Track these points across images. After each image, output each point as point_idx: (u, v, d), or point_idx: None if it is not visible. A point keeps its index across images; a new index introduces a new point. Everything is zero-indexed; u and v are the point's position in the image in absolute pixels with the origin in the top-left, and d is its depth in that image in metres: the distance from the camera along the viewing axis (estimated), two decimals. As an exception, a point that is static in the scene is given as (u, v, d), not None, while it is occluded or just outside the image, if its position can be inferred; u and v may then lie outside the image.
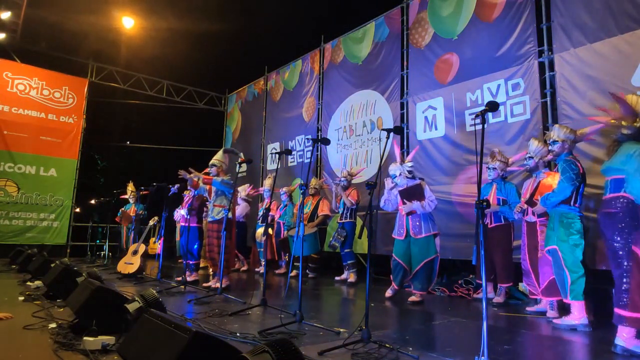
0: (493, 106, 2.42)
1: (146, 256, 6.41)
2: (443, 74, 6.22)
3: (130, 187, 8.21)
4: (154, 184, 6.99)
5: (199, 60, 11.91)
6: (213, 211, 5.22)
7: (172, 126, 12.62)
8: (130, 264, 6.10)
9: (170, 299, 4.16)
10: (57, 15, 9.14)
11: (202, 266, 6.78)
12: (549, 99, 5.02)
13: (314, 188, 6.80)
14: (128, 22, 10.02)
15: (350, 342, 2.49)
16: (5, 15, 8.24)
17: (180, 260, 7.82)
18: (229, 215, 4.64)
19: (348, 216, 6.16)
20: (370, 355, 2.38)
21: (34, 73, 9.52)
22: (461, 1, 6.06)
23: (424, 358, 2.38)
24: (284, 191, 7.26)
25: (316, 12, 11.67)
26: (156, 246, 9.08)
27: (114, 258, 8.81)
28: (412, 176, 4.59)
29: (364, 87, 7.62)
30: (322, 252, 6.74)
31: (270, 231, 7.04)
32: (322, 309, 4.25)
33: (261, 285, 4.86)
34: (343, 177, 6.33)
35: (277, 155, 9.34)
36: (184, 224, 5.91)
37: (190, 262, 5.78)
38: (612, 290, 3.55)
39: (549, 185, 3.79)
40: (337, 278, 6.28)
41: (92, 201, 13.75)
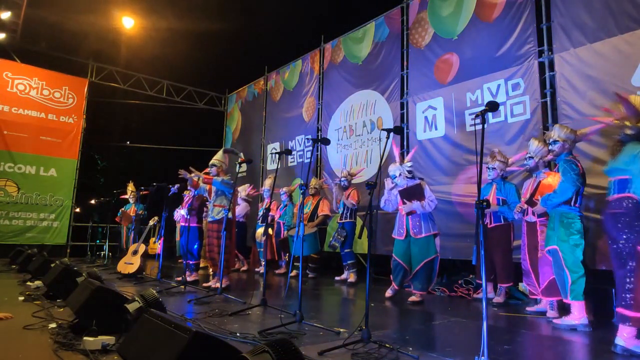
0: (493, 106, 2.42)
1: (146, 256, 6.41)
2: (443, 74, 6.22)
3: (130, 187, 8.21)
4: (154, 184, 6.99)
5: (199, 60, 11.92)
6: (213, 211, 5.22)
7: (172, 126, 12.62)
8: (130, 264, 6.10)
9: (170, 299, 4.16)
10: (57, 15, 9.14)
11: (202, 266, 6.78)
12: (549, 99, 5.02)
13: (314, 188, 6.80)
14: (128, 22, 10.02)
15: (350, 342, 2.49)
16: (5, 15, 8.24)
17: (180, 260, 7.82)
18: (229, 215, 4.64)
19: (348, 216, 6.16)
20: (370, 355, 2.37)
21: (34, 73, 9.52)
22: (461, 1, 6.06)
23: (424, 358, 2.38)
24: (284, 191, 7.26)
25: (316, 12, 11.67)
26: (156, 246, 9.08)
27: (114, 258, 8.80)
28: (411, 176, 4.58)
29: (364, 87, 7.62)
30: (322, 252, 6.74)
31: (270, 231, 7.03)
32: (322, 309, 4.25)
33: (261, 285, 4.87)
34: (343, 177, 6.34)
35: (277, 155, 9.34)
36: (184, 224, 5.91)
37: (190, 262, 5.78)
38: (612, 290, 3.57)
39: (549, 185, 3.78)
40: (337, 278, 6.28)
41: (92, 201, 13.76)
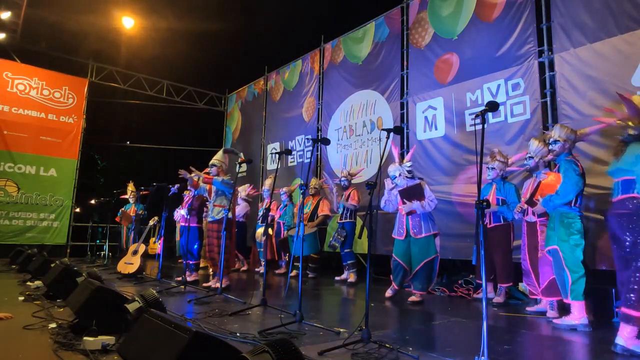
0: (493, 106, 2.41)
1: (146, 256, 6.41)
2: (443, 74, 6.22)
3: (130, 187, 8.21)
4: (154, 184, 6.99)
5: (199, 60, 11.91)
6: (213, 211, 5.22)
7: (172, 126, 12.62)
8: (130, 264, 6.10)
9: (170, 299, 4.16)
10: (57, 15, 9.14)
11: (202, 266, 6.78)
12: (549, 99, 5.02)
13: (314, 188, 6.80)
14: (128, 22, 10.02)
15: (350, 342, 2.48)
16: (5, 15, 8.24)
17: (180, 260, 7.82)
18: (229, 215, 4.64)
19: (348, 216, 6.17)
20: (370, 355, 2.37)
21: (34, 73, 9.52)
22: (461, 1, 6.06)
23: (424, 358, 2.38)
24: (284, 191, 7.26)
25: (316, 12, 11.67)
26: (156, 246, 9.08)
27: (114, 258, 8.80)
28: (411, 176, 4.58)
29: (364, 87, 7.62)
30: (322, 252, 6.74)
31: (270, 231, 7.03)
32: (322, 309, 4.25)
33: (261, 285, 4.86)
34: (343, 177, 6.34)
35: (277, 155, 9.34)
36: (184, 224, 5.91)
37: (190, 262, 5.78)
38: (612, 290, 3.57)
39: (550, 185, 3.78)
40: (337, 278, 6.28)
41: (92, 201, 13.75)
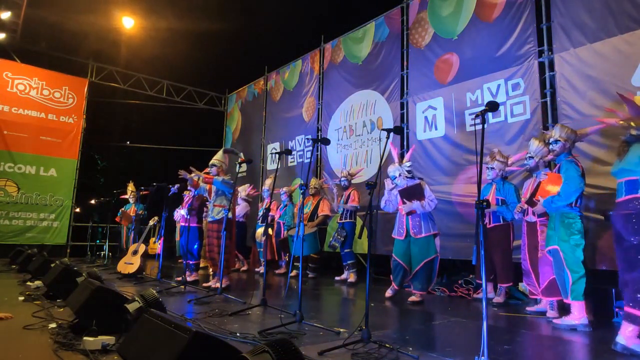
0: (493, 106, 2.41)
1: (146, 256, 6.41)
2: (443, 74, 6.22)
3: (130, 187, 8.21)
4: (154, 184, 6.99)
5: (199, 60, 11.92)
6: (213, 211, 5.22)
7: (172, 126, 12.62)
8: (130, 264, 6.10)
9: (170, 299, 4.16)
10: (57, 15, 9.14)
11: (202, 266, 6.78)
12: (549, 99, 5.02)
13: (314, 188, 6.80)
14: (128, 22, 10.02)
15: (350, 342, 2.48)
16: (5, 15, 8.24)
17: (180, 260, 7.82)
18: (229, 215, 4.64)
19: (348, 216, 6.17)
20: (370, 355, 2.37)
21: (34, 73, 9.52)
22: (461, 1, 6.06)
23: (424, 358, 2.38)
24: (284, 191, 7.26)
25: (316, 12, 11.67)
26: (156, 246, 9.08)
27: (114, 258, 8.80)
28: (411, 176, 4.58)
29: (364, 87, 7.62)
30: (322, 252, 6.74)
31: (270, 231, 7.03)
32: (322, 309, 4.25)
33: (261, 285, 4.86)
34: (343, 177, 6.34)
35: (277, 155, 9.34)
36: (184, 224, 5.91)
37: (190, 262, 5.78)
38: (613, 290, 3.57)
39: (550, 184, 3.76)
40: (337, 278, 6.28)
41: (92, 201, 13.75)
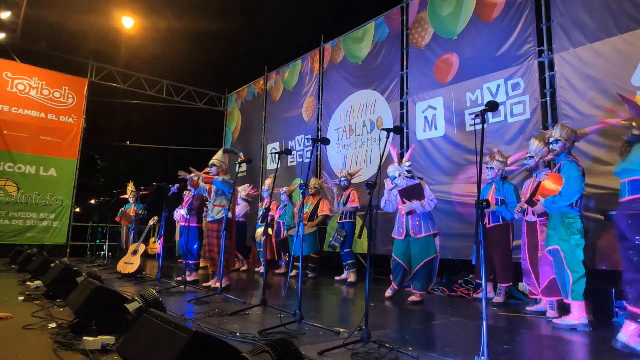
0: (493, 106, 2.41)
1: (146, 256, 6.41)
2: (443, 74, 6.22)
3: (130, 187, 8.21)
4: (154, 184, 6.99)
5: (199, 60, 11.92)
6: (213, 211, 5.22)
7: (172, 126, 12.63)
8: (130, 264, 6.10)
9: (170, 299, 4.16)
10: (57, 15, 9.15)
11: (202, 266, 6.78)
12: (549, 99, 5.02)
13: (314, 188, 6.80)
14: (128, 22, 10.02)
15: (350, 342, 2.48)
16: (5, 15, 8.24)
17: (180, 260, 7.82)
18: (229, 215, 4.64)
19: (348, 216, 6.16)
20: (370, 355, 2.37)
21: (34, 73, 9.52)
22: (461, 1, 6.06)
23: (424, 358, 2.38)
24: (284, 191, 7.26)
25: (316, 12, 11.67)
26: (156, 246, 9.08)
27: (114, 258, 8.80)
28: (411, 176, 4.58)
29: (364, 87, 7.62)
30: (322, 252, 6.74)
31: (270, 231, 7.03)
32: (322, 309, 4.25)
33: (261, 285, 4.86)
34: (343, 177, 6.34)
35: (277, 155, 9.34)
36: (184, 224, 5.91)
37: (190, 262, 5.78)
38: (613, 290, 3.57)
39: (550, 183, 3.75)
40: (337, 278, 6.28)
41: (92, 201, 13.76)
